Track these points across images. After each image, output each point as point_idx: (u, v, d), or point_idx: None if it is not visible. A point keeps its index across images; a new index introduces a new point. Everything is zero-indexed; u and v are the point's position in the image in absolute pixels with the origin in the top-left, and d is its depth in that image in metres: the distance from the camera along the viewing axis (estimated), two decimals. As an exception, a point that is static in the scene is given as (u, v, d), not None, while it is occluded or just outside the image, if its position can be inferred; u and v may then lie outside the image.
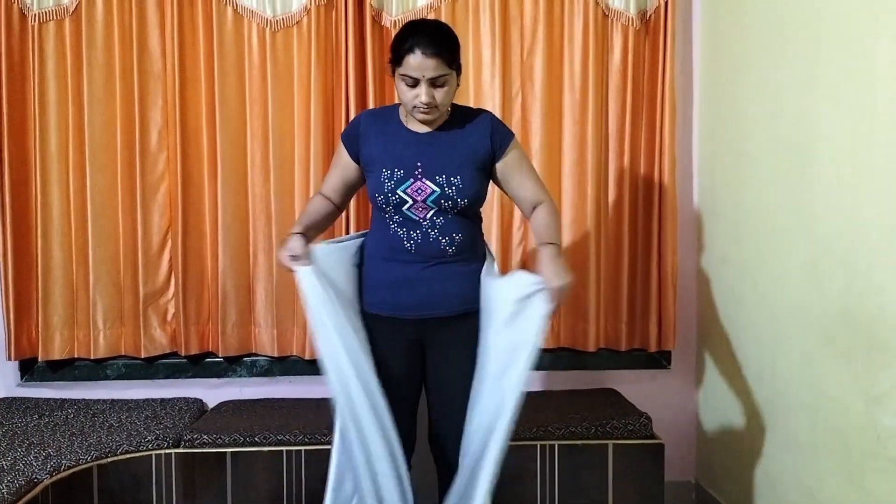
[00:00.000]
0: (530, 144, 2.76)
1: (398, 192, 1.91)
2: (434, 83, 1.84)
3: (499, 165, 1.99)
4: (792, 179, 2.17)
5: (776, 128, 2.26)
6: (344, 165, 2.04)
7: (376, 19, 2.71)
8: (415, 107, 1.86)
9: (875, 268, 1.79)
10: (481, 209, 2.07)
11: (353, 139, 2.00)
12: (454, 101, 2.01)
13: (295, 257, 1.86)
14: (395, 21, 2.69)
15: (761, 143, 2.35)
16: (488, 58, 2.72)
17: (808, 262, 2.09)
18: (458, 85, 1.94)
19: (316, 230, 2.03)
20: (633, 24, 2.72)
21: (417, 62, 1.80)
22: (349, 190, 2.09)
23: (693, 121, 2.87)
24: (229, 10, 2.70)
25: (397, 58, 1.85)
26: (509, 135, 2.01)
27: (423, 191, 1.91)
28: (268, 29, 2.70)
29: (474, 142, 1.96)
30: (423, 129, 1.96)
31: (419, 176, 1.91)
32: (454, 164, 1.92)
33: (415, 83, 1.84)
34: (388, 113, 2.03)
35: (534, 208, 2.02)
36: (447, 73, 1.84)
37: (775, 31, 2.27)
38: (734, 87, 2.56)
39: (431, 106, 1.85)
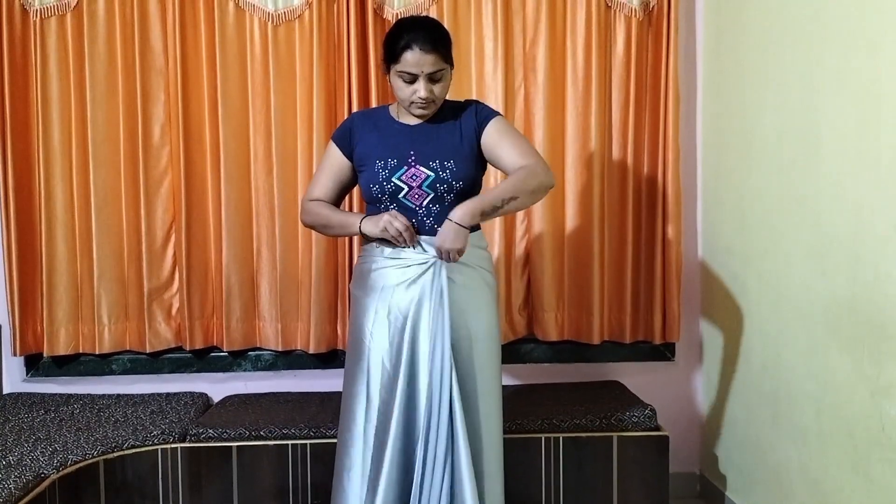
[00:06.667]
0: (533, 136, 2.75)
1: (393, 179, 1.93)
2: (432, 78, 1.89)
3: (483, 140, 1.99)
4: (797, 169, 2.16)
5: (780, 117, 2.25)
6: (336, 167, 2.04)
7: (378, 12, 2.70)
8: (412, 102, 1.91)
9: (881, 257, 1.79)
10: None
11: (347, 137, 2.03)
12: None
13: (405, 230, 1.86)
14: (396, 14, 2.68)
15: (766, 133, 2.35)
16: (490, 50, 2.71)
17: (813, 253, 2.08)
18: (451, 80, 1.98)
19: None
20: (636, 15, 2.71)
21: (416, 58, 1.85)
22: (342, 192, 2.09)
23: (697, 111, 2.86)
24: (231, 4, 2.69)
25: (393, 55, 1.89)
26: (492, 112, 2.03)
27: (417, 177, 1.93)
28: (269, 23, 2.69)
29: (462, 126, 2.00)
30: (415, 121, 2.00)
31: (412, 163, 1.94)
32: (446, 150, 1.95)
33: (413, 79, 1.88)
34: (378, 112, 2.10)
35: None
36: (444, 68, 1.91)
37: (779, 21, 2.26)
38: (738, 77, 2.55)
39: (430, 101, 1.91)
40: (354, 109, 2.65)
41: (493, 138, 1.98)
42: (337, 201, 2.09)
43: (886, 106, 1.76)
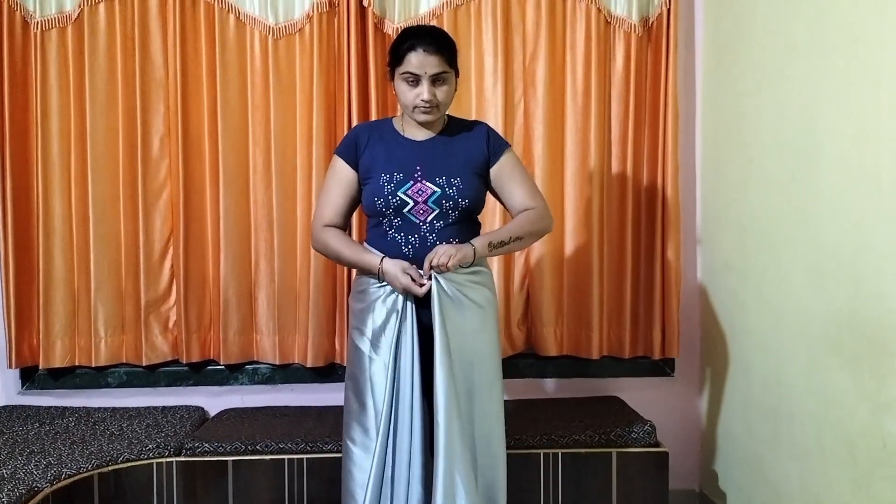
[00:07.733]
0: (533, 151, 2.76)
1: (399, 193, 1.92)
2: (435, 81, 1.88)
3: (493, 170, 2.02)
4: (796, 185, 2.16)
5: (780, 133, 2.26)
6: (345, 181, 2.01)
7: (378, 26, 2.71)
8: (416, 107, 1.91)
9: (881, 273, 1.78)
10: (480, 217, 2.07)
11: (352, 148, 2.01)
12: (449, 114, 2.04)
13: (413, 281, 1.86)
14: (397, 28, 2.69)
15: (765, 149, 2.35)
16: (490, 65, 2.72)
17: (812, 268, 2.08)
18: (455, 89, 1.98)
19: None
20: (635, 31, 2.72)
21: (419, 59, 1.86)
22: (352, 207, 2.05)
23: (696, 127, 2.87)
24: (231, 17, 2.70)
25: (397, 57, 1.90)
26: (505, 143, 2.06)
27: (423, 192, 1.92)
28: (270, 36, 2.70)
29: (471, 147, 2.00)
30: (421, 136, 1.99)
31: (419, 178, 1.93)
32: (453, 167, 1.95)
33: (416, 81, 1.88)
34: (382, 124, 2.08)
35: None
36: (447, 71, 1.90)
37: (778, 37, 2.27)
38: (737, 92, 2.55)
39: (433, 104, 1.90)
40: (354, 123, 2.65)
41: (506, 171, 2.02)
42: (348, 217, 2.07)
43: (886, 120, 1.76)
